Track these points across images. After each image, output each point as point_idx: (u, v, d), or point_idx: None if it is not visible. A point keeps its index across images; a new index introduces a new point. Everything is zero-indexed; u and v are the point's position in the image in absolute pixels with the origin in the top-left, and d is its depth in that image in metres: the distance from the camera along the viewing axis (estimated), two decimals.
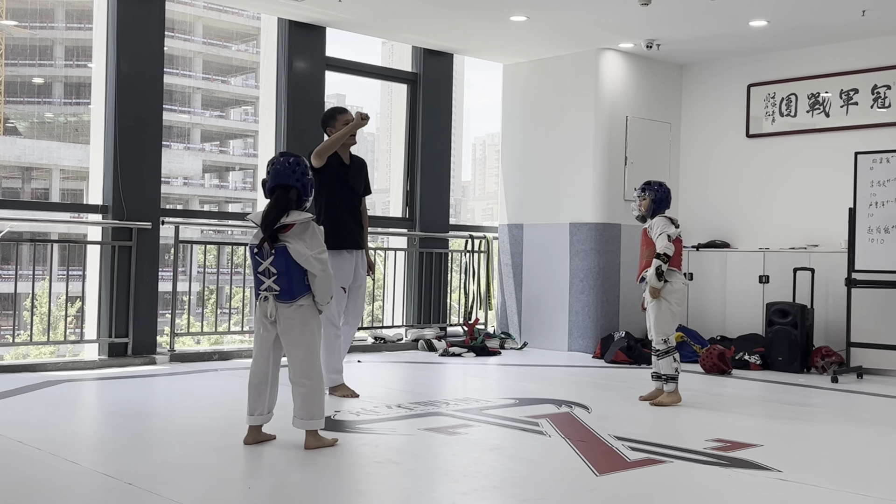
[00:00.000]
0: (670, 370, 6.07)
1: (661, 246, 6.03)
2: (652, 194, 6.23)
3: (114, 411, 5.46)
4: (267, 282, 4.41)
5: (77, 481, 3.82)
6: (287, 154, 4.58)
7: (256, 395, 4.52)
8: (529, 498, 3.71)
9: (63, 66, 36.31)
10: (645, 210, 6.25)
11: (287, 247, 4.35)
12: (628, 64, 9.32)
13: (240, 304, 9.41)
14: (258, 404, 4.52)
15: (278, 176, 4.45)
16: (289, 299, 4.41)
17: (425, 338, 9.20)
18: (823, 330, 8.33)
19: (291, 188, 4.44)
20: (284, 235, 4.37)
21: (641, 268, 6.25)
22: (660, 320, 6.07)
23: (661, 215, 6.19)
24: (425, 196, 9.58)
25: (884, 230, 7.51)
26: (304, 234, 4.39)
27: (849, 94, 8.62)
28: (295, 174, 4.45)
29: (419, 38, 9.11)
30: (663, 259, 6.02)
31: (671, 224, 6.11)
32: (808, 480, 4.07)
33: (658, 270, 6.00)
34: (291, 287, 4.39)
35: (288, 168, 4.46)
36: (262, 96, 9.17)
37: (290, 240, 4.36)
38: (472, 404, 5.90)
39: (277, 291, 4.40)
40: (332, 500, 3.70)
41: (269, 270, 4.40)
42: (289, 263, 4.36)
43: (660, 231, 6.08)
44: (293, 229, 4.38)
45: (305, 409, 4.44)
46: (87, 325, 7.70)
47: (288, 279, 4.38)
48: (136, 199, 7.50)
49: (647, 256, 6.18)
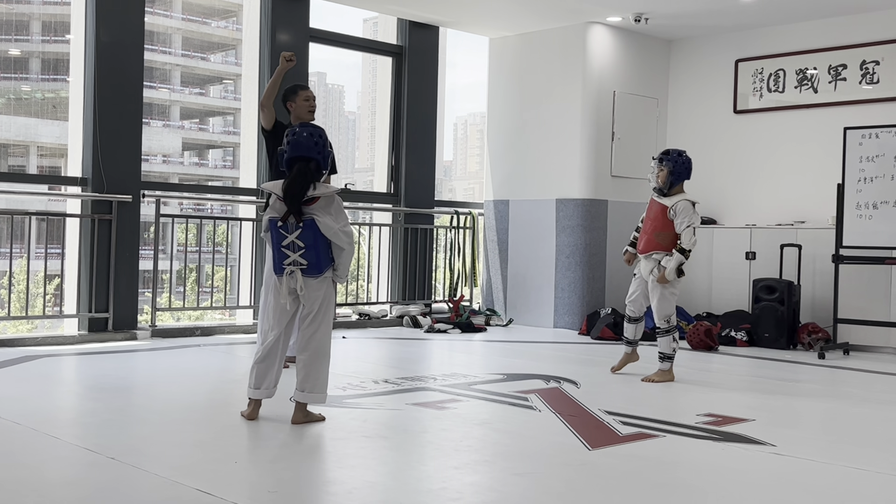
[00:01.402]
0: (668, 349, 5.96)
1: (687, 241, 5.78)
2: (670, 165, 5.88)
3: (95, 386, 5.35)
4: (293, 255, 4.27)
5: (58, 455, 3.72)
6: (308, 125, 4.42)
7: (265, 368, 4.40)
8: (522, 471, 3.65)
9: (40, 42, 35.80)
10: (663, 182, 5.91)
11: (315, 220, 4.23)
12: (616, 39, 9.23)
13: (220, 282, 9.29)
14: (266, 377, 4.40)
15: (299, 147, 4.28)
16: (316, 273, 4.30)
17: (410, 314, 9.12)
18: (810, 306, 8.32)
19: (312, 160, 4.28)
20: (310, 208, 4.24)
21: (647, 245, 5.91)
22: (662, 303, 5.93)
23: (686, 199, 5.86)
24: (410, 171, 9.47)
25: (872, 206, 7.47)
26: (330, 206, 4.29)
27: (837, 70, 8.56)
28: (317, 146, 4.30)
29: (405, 9, 8.97)
30: (687, 255, 5.79)
31: (696, 213, 5.83)
32: (801, 454, 4.03)
33: (681, 266, 5.81)
34: (319, 261, 4.28)
35: (309, 139, 4.29)
36: (244, 72, 9.03)
37: (318, 213, 4.24)
38: (459, 379, 5.83)
39: (305, 265, 4.27)
40: (322, 474, 3.62)
41: (295, 244, 4.25)
42: (317, 237, 4.24)
43: (687, 222, 5.78)
44: (319, 202, 4.26)
45: (311, 383, 4.33)
46: (67, 300, 7.57)
47: (315, 253, 4.26)
48: (116, 172, 7.36)
49: (661, 239, 5.85)
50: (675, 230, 5.85)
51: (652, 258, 5.95)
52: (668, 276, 5.81)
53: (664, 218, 5.88)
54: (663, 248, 5.88)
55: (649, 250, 5.95)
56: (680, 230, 5.83)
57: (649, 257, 5.97)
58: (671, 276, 5.81)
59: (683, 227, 5.81)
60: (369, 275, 9.58)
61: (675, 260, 5.79)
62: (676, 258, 5.79)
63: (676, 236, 5.86)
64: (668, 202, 5.90)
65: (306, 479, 3.54)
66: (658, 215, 5.92)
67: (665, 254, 5.87)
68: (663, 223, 5.88)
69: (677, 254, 5.80)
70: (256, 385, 4.41)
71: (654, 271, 5.92)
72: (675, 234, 5.86)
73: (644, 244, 6.00)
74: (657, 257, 5.91)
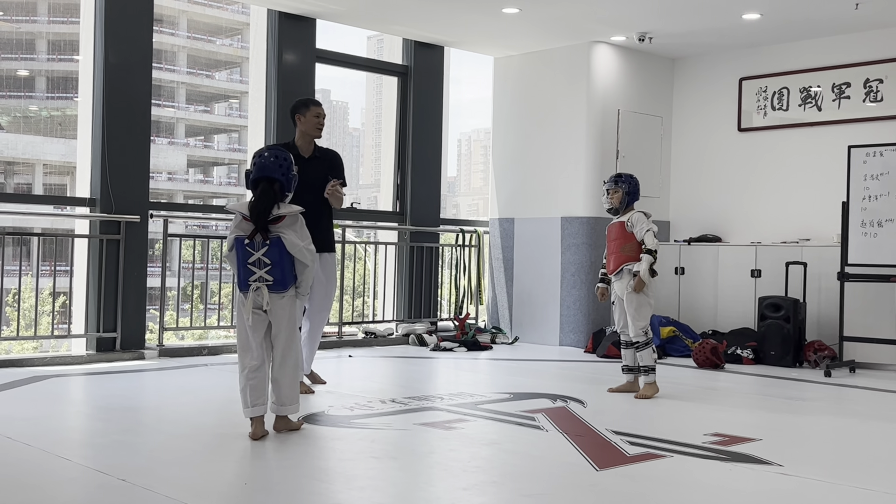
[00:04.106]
0: (650, 361, 6.13)
1: (651, 242, 6.05)
2: (625, 186, 6.23)
3: (104, 406, 5.37)
4: (259, 272, 4.48)
5: (69, 477, 3.74)
6: (273, 148, 4.69)
7: (256, 384, 4.51)
8: (531, 493, 3.66)
9: (46, 60, 35.98)
10: (618, 203, 6.25)
11: (282, 237, 4.46)
12: (620, 57, 9.28)
13: (226, 299, 9.32)
14: (260, 393, 4.52)
15: (264, 169, 4.54)
16: (281, 289, 4.52)
17: (416, 332, 9.14)
18: (816, 324, 8.32)
19: (276, 181, 4.54)
20: (276, 227, 4.48)
21: (616, 262, 6.17)
22: (640, 312, 6.10)
23: (639, 210, 6.21)
24: (416, 190, 9.51)
25: (877, 224, 7.49)
26: (295, 225, 4.53)
27: (841, 88, 8.60)
28: (281, 168, 4.55)
29: (410, 29, 9.03)
30: (655, 255, 6.04)
31: (649, 220, 6.15)
32: (809, 474, 4.04)
33: (651, 267, 6.01)
34: (284, 277, 4.51)
35: (274, 162, 4.56)
36: (251, 90, 9.08)
37: (284, 231, 4.48)
38: (466, 399, 5.84)
39: (270, 282, 4.49)
40: (332, 496, 3.64)
41: (261, 261, 4.47)
42: (282, 254, 4.48)
43: (646, 227, 6.08)
44: (284, 221, 4.50)
45: (285, 395, 4.58)
46: (75, 320, 7.59)
47: (281, 270, 4.49)
48: (124, 193, 7.40)
49: (627, 251, 6.12)
50: (637, 238, 6.10)
51: (624, 271, 6.13)
52: (643, 278, 6.01)
53: (624, 232, 6.16)
54: (632, 259, 6.10)
55: (619, 265, 6.15)
56: (641, 236, 6.09)
57: (620, 273, 6.14)
58: (646, 277, 6.01)
59: (643, 232, 6.08)
60: (375, 293, 9.60)
61: (646, 261, 6.02)
62: (646, 259, 6.02)
63: (639, 245, 6.09)
64: (625, 217, 6.21)
65: (317, 501, 3.55)
66: (619, 233, 6.20)
67: (635, 263, 6.09)
68: (625, 237, 6.15)
69: (646, 255, 6.03)
70: (252, 403, 4.51)
71: (629, 284, 6.07)
72: (639, 244, 6.11)
73: (613, 263, 6.22)
74: (628, 268, 6.10)
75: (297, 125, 5.85)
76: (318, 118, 5.82)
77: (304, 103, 5.86)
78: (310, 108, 5.81)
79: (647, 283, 6.01)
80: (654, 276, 6.08)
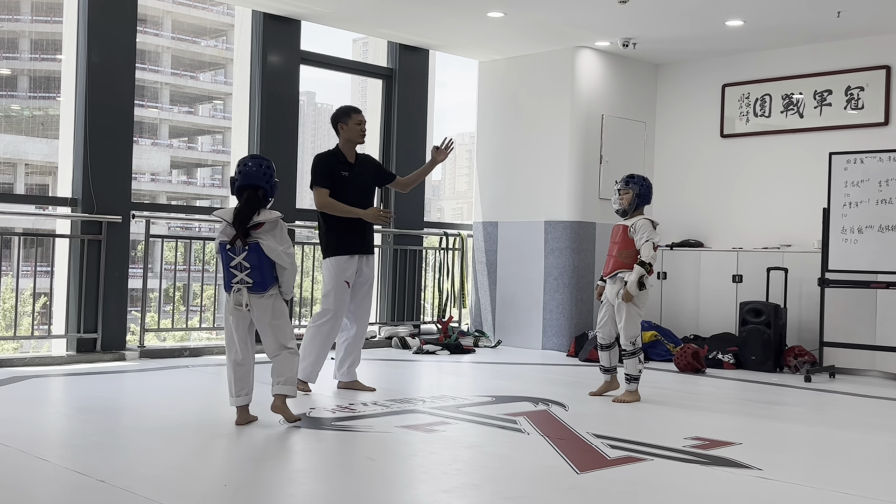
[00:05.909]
0: (634, 371, 6.07)
1: (647, 255, 5.90)
2: (636, 188, 6.08)
3: (84, 407, 5.34)
4: (240, 275, 4.76)
5: (47, 478, 3.72)
6: (257, 157, 4.95)
7: (241, 376, 4.81)
8: (511, 496, 3.66)
9: (29, 60, 35.78)
10: (627, 204, 6.10)
11: (260, 243, 4.73)
12: (604, 63, 9.32)
13: (208, 301, 9.29)
14: (244, 384, 4.81)
15: (249, 177, 4.82)
16: (261, 290, 4.79)
17: (399, 335, 9.14)
18: (796, 329, 8.37)
19: (260, 188, 4.81)
20: (256, 233, 4.74)
21: (613, 266, 6.08)
22: (629, 323, 6.03)
23: (646, 217, 6.06)
24: (399, 193, 9.48)
25: (857, 230, 7.55)
26: (274, 230, 4.78)
27: (822, 95, 8.66)
28: (265, 176, 4.83)
29: (395, 32, 9.04)
30: (647, 269, 5.90)
31: (655, 230, 5.99)
32: (788, 479, 4.06)
33: (641, 280, 5.91)
34: (264, 280, 4.77)
35: (259, 171, 4.83)
36: (235, 91, 9.06)
37: (263, 237, 4.74)
38: (448, 402, 5.84)
39: (251, 284, 4.77)
40: (312, 498, 3.63)
41: (242, 265, 4.74)
42: (261, 258, 4.73)
43: (646, 237, 5.92)
44: (264, 227, 4.75)
45: (282, 375, 4.82)
46: (55, 320, 7.55)
47: (260, 273, 4.75)
48: (106, 193, 7.37)
49: (624, 258, 6.02)
50: (636, 246, 5.98)
51: (617, 278, 6.06)
52: (630, 290, 5.91)
53: (626, 237, 6.04)
54: (627, 267, 6.01)
55: (615, 270, 6.08)
56: (639, 245, 5.96)
57: (614, 278, 6.08)
58: (633, 290, 5.91)
59: (643, 241, 5.95)
60: None
61: (636, 272, 5.91)
62: (637, 271, 5.91)
63: (637, 254, 5.98)
64: (629, 222, 6.08)
65: (297, 503, 3.54)
66: (622, 236, 6.08)
67: (628, 272, 5.99)
68: (626, 242, 6.04)
69: (637, 267, 5.91)
70: (237, 393, 4.81)
71: (619, 292, 6.02)
72: (636, 252, 5.99)
73: (610, 266, 6.14)
74: (622, 275, 6.03)
75: (339, 133, 6.10)
76: (360, 125, 6.10)
77: (346, 112, 6.12)
78: (351, 117, 6.08)
79: (634, 294, 5.96)
80: (643, 290, 5.96)
